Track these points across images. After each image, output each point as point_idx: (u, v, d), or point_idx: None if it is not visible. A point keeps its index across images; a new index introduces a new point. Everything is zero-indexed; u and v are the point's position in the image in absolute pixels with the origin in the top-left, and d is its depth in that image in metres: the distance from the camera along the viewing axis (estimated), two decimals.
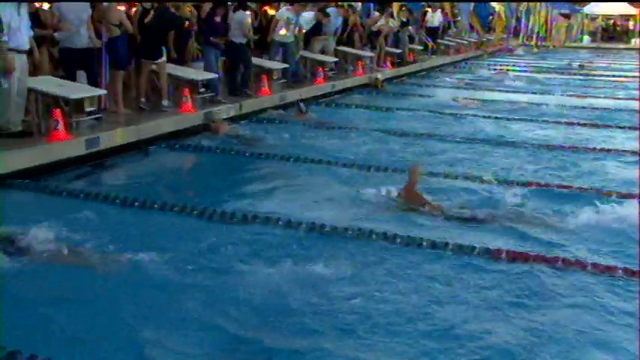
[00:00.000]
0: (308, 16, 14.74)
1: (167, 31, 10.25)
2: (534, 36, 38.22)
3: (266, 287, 4.81)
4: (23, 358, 3.68)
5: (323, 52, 15.70)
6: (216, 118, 10.26)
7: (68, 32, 8.79)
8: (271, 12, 14.76)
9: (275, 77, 13.43)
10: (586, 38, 44.65)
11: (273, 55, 13.56)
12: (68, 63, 9.10)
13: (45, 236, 5.39)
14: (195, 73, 11.07)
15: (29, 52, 7.98)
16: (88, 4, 9.08)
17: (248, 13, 12.75)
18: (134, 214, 6.36)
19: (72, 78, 9.01)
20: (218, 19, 11.46)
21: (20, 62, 7.63)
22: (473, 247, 5.61)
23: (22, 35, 7.66)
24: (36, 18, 8.73)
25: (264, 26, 14.20)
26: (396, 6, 20.88)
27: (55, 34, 9.09)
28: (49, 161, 7.55)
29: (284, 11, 13.44)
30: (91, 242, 5.48)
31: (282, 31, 13.34)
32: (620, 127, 11.96)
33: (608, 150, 9.84)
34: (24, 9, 7.64)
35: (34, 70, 8.72)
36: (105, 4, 9.47)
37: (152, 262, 5.15)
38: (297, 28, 13.76)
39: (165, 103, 10.22)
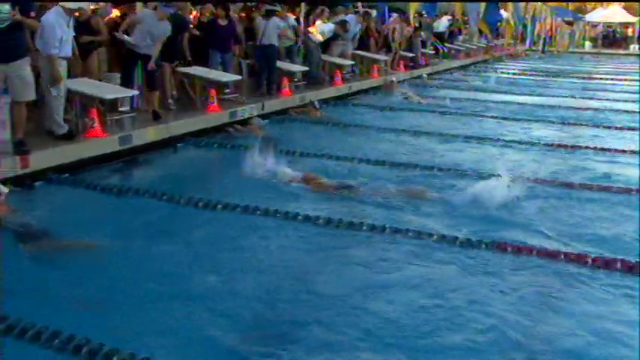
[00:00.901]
0: (327, 28, 14.67)
1: (177, 34, 10.09)
2: (540, 42, 37.94)
3: (285, 274, 4.84)
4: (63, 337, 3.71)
5: (341, 55, 15.65)
6: (253, 122, 10.25)
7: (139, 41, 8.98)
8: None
9: (295, 79, 13.43)
10: (587, 44, 44.23)
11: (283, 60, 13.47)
12: (129, 63, 9.25)
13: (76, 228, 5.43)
14: (221, 74, 11.05)
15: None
16: (170, 26, 9.20)
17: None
18: (163, 207, 6.34)
19: (130, 76, 9.24)
20: (222, 22, 11.18)
21: (63, 68, 7.69)
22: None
23: (69, 45, 7.72)
24: (86, 25, 8.79)
25: None
26: (413, 8, 20.79)
27: (118, 35, 9.18)
28: (85, 157, 7.58)
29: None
30: (121, 233, 5.49)
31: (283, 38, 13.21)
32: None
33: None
34: (71, 21, 7.65)
35: (84, 73, 8.81)
36: None
37: (178, 251, 5.18)
38: (291, 29, 13.66)
39: (170, 101, 10.22)
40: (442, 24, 23.94)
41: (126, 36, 9.02)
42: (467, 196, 6.61)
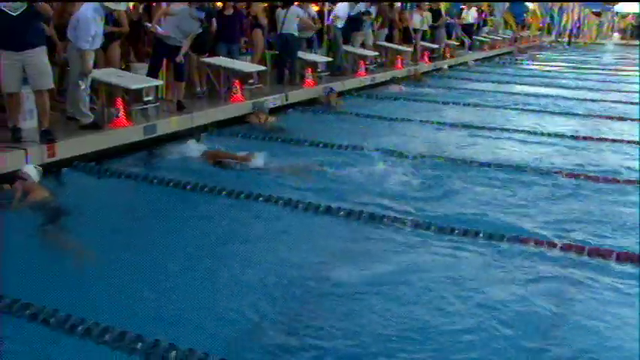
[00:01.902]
0: (342, 11, 14.46)
1: (208, 23, 10.01)
2: (567, 33, 37.48)
3: (288, 264, 4.88)
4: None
5: (363, 46, 15.58)
6: (258, 109, 10.24)
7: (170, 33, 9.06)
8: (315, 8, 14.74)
9: (319, 70, 13.42)
10: (615, 35, 43.61)
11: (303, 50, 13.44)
12: (159, 53, 9.29)
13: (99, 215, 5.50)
14: (246, 65, 11.09)
15: None
16: (199, 25, 9.23)
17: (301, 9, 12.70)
18: (185, 196, 6.42)
19: (158, 66, 9.32)
20: (228, 12, 11.03)
21: (91, 58, 7.76)
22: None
23: (100, 38, 7.82)
24: (108, 16, 8.87)
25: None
26: (444, 6, 20.73)
27: (150, 26, 9.31)
28: (110, 146, 7.67)
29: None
30: (143, 220, 5.56)
31: None
32: None
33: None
34: (104, 14, 7.76)
35: (105, 64, 8.90)
36: None
37: (198, 239, 5.26)
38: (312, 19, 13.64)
39: (198, 89, 10.43)
40: (471, 15, 23.75)
41: (158, 27, 9.07)
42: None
